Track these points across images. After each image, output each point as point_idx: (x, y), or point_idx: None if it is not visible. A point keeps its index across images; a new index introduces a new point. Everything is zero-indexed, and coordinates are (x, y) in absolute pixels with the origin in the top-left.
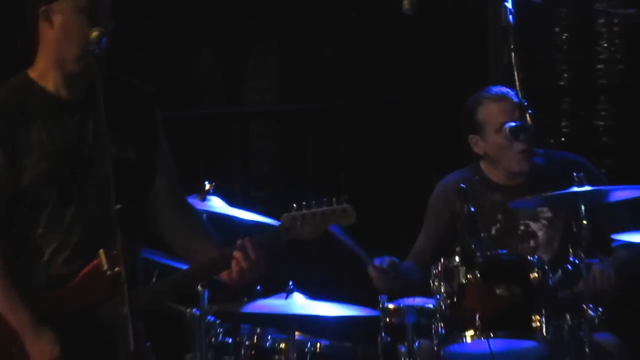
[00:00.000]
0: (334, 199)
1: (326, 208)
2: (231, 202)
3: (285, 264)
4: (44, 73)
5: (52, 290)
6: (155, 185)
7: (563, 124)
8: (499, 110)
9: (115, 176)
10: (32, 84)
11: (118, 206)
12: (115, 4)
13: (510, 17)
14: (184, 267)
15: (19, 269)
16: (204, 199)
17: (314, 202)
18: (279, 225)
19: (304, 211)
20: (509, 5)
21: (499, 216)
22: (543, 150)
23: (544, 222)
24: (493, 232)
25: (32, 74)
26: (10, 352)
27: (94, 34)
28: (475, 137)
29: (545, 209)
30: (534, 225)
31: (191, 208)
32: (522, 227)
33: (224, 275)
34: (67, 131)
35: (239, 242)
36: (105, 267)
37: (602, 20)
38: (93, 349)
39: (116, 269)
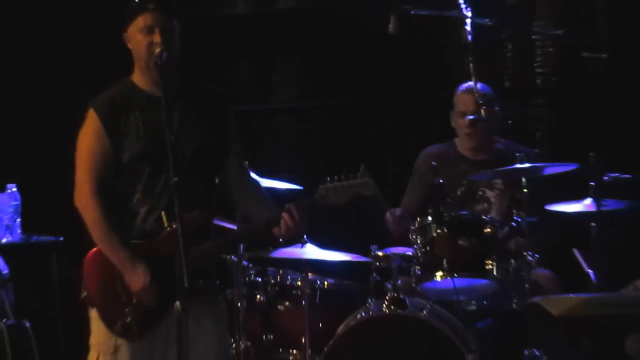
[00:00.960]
0: (358, 174)
1: (352, 181)
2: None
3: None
4: (140, 78)
5: (144, 241)
6: (228, 164)
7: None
8: (463, 101)
9: (198, 157)
10: (133, 85)
11: (175, 179)
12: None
13: (469, 36)
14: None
15: (119, 224)
16: None
17: (342, 176)
18: (317, 194)
19: (335, 183)
20: (468, 28)
21: (464, 182)
22: (505, 140)
23: (497, 191)
24: (458, 193)
25: (134, 78)
26: (114, 286)
27: (157, 50)
28: (452, 112)
29: (499, 180)
30: (489, 193)
31: (255, 181)
32: (480, 193)
33: (275, 231)
34: (158, 120)
35: (286, 206)
36: (166, 224)
37: (537, 38)
38: (167, 286)
39: (174, 225)
